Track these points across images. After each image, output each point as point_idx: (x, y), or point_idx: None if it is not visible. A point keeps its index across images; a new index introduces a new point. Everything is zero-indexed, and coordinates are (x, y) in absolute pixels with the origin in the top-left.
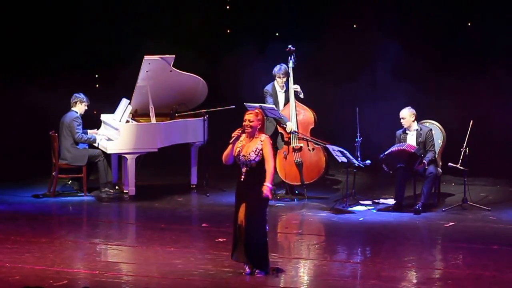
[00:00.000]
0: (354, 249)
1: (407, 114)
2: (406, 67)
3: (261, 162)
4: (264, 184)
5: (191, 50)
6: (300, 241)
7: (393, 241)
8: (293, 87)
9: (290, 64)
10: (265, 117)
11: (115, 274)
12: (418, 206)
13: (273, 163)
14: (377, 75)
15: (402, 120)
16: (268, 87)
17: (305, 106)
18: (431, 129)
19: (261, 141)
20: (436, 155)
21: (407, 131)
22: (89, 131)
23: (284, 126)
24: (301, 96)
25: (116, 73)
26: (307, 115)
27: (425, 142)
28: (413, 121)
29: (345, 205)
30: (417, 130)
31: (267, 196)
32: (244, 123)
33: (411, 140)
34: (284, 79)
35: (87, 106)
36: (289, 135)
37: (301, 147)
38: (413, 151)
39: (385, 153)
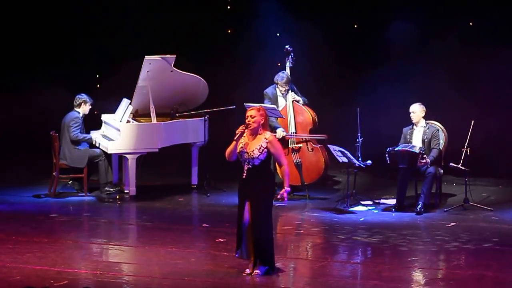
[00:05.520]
0: (355, 249)
1: (417, 109)
2: (407, 67)
3: (265, 160)
4: (284, 187)
5: (192, 50)
6: (301, 241)
7: (394, 241)
8: (292, 96)
9: (288, 64)
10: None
11: (116, 274)
12: (419, 206)
13: (285, 161)
14: (379, 75)
15: (412, 114)
16: (268, 90)
17: (304, 107)
18: (438, 129)
19: (266, 139)
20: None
21: (414, 127)
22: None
23: (275, 134)
24: (301, 103)
25: (117, 73)
26: (306, 116)
27: (430, 140)
28: (422, 118)
29: (346, 206)
30: (423, 127)
31: (284, 199)
32: (246, 120)
33: (417, 136)
34: (286, 87)
35: (91, 105)
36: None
37: (300, 147)
38: (416, 152)
39: (394, 149)
